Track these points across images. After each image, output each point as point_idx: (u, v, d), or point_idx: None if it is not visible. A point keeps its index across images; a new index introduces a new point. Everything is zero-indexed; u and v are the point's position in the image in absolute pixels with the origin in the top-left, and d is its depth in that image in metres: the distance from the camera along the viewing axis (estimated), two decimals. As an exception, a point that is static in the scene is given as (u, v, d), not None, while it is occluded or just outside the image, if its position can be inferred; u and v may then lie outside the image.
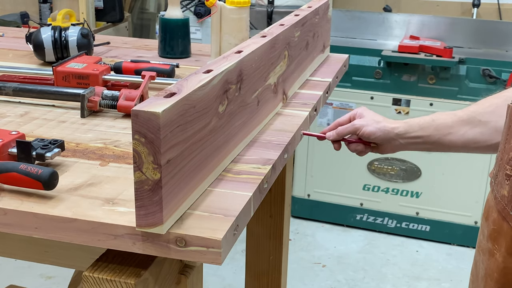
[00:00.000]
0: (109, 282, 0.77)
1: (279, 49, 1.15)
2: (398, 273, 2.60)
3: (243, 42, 1.05)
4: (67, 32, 1.45)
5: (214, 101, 0.84)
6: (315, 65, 1.51)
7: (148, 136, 0.69)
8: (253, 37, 1.10)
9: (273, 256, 1.61)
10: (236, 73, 0.92)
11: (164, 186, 0.71)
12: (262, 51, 1.05)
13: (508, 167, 0.73)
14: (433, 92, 2.62)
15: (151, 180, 0.70)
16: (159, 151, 0.69)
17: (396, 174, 2.79)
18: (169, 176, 0.72)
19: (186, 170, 0.77)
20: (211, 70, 0.85)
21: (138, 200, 0.72)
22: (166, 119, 0.69)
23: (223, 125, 0.88)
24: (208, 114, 0.82)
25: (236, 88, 0.93)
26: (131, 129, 0.69)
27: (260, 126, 1.08)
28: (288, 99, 1.26)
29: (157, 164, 0.70)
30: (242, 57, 0.94)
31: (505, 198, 0.74)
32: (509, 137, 0.76)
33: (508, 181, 0.73)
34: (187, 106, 0.75)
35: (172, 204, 0.74)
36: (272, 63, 1.11)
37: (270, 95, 1.12)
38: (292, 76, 1.28)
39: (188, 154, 0.77)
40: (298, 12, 1.34)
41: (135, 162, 0.70)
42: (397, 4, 3.36)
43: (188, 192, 0.79)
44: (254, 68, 1.00)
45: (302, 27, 1.31)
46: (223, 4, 1.41)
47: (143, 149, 0.69)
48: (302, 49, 1.34)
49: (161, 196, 0.71)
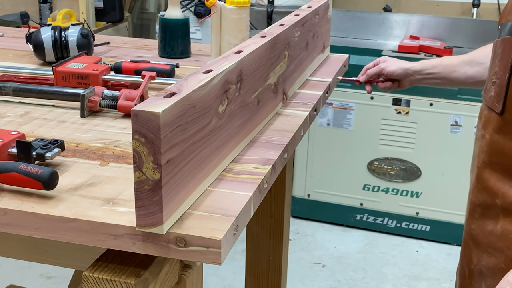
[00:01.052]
0: (109, 282, 0.77)
1: (279, 49, 1.14)
2: (398, 273, 2.60)
3: (243, 42, 1.05)
4: (67, 32, 1.45)
5: (214, 101, 0.84)
6: (315, 65, 1.51)
7: (148, 136, 0.69)
8: (253, 37, 1.10)
9: (273, 256, 1.61)
10: (236, 73, 0.92)
11: (164, 186, 0.71)
12: (262, 51, 1.04)
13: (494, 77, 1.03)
14: (433, 92, 2.62)
15: (151, 180, 0.70)
16: (159, 151, 0.69)
17: (396, 174, 2.79)
18: (169, 176, 0.72)
19: (186, 170, 0.77)
20: (211, 70, 0.85)
21: (138, 200, 0.72)
22: (166, 119, 0.69)
23: (223, 125, 0.88)
24: (208, 114, 0.82)
25: (236, 88, 0.93)
26: (131, 129, 0.69)
27: (260, 126, 1.08)
28: (288, 99, 1.26)
29: (157, 164, 0.69)
30: (242, 57, 0.94)
31: (493, 97, 1.03)
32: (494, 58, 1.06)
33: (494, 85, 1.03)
34: (187, 106, 0.75)
35: (172, 204, 0.74)
36: (272, 63, 1.11)
37: (270, 95, 1.12)
38: (292, 76, 1.28)
39: (188, 154, 0.77)
40: (298, 12, 1.34)
41: (135, 162, 0.70)
42: (397, 4, 3.36)
43: (188, 192, 0.79)
44: (254, 68, 1.00)
45: (302, 27, 1.31)
46: (223, 4, 1.41)
47: (143, 149, 0.69)
48: (302, 49, 1.34)
49: (161, 196, 0.71)
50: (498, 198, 1.02)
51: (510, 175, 1.01)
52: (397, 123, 2.70)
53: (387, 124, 2.72)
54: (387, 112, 2.70)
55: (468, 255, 1.09)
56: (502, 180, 1.02)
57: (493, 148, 1.03)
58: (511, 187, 1.00)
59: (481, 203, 1.06)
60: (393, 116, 2.69)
